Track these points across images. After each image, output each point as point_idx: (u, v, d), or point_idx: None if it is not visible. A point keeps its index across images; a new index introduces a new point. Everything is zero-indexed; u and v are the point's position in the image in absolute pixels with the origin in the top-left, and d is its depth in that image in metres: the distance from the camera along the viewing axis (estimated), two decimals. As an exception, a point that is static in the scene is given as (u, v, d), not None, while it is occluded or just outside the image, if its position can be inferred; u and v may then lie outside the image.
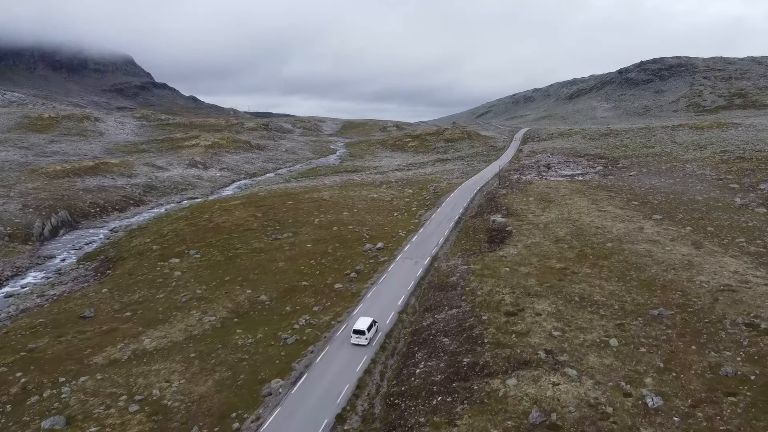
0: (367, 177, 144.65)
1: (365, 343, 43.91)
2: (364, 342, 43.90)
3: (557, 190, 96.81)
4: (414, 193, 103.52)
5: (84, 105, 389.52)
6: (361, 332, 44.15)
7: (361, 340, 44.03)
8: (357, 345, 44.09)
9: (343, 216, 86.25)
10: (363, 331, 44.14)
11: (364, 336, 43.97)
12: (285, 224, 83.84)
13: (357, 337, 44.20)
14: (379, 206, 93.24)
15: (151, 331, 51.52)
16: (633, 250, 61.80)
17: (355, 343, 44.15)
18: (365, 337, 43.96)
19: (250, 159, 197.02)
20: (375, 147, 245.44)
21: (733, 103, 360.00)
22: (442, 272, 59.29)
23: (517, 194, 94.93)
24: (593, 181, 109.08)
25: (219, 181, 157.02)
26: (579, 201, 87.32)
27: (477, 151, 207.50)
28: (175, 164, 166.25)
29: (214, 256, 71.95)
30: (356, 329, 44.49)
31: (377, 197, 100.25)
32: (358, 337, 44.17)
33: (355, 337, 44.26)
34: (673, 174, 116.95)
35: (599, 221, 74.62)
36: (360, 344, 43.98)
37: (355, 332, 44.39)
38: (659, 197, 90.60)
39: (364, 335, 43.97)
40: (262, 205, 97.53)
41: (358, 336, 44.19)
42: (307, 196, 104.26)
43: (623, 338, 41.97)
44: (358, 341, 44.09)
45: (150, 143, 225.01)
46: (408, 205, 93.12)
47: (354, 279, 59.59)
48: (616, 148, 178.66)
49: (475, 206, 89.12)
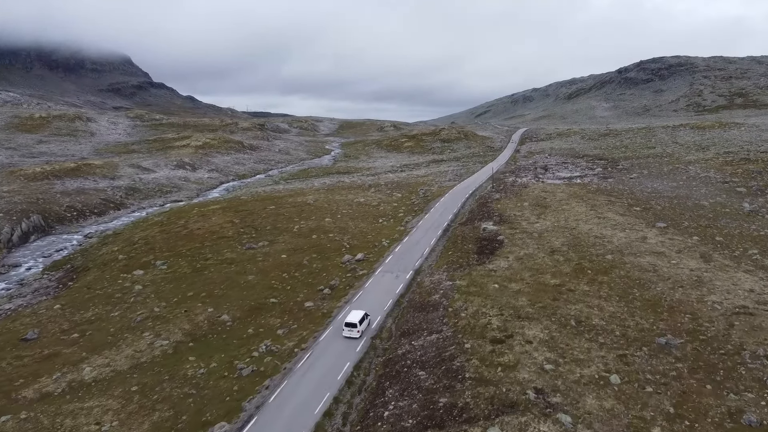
0: (357, 179, 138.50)
1: (357, 336, 43.81)
2: (356, 335, 43.80)
3: (554, 194, 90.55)
4: (403, 198, 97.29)
5: (80, 105, 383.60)
6: (353, 325, 44.08)
7: (353, 333, 43.90)
8: (349, 338, 44.01)
9: (324, 222, 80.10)
10: (355, 324, 44.04)
11: (356, 329, 43.86)
12: (262, 231, 77.73)
13: (349, 330, 44.11)
14: (364, 212, 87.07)
15: (95, 357, 45.45)
16: (635, 263, 55.59)
17: (347, 336, 44.07)
18: (357, 330, 43.83)
19: (241, 160, 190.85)
20: (370, 147, 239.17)
21: (733, 102, 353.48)
22: (425, 289, 53.10)
23: (511, 199, 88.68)
24: (592, 185, 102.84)
25: (206, 183, 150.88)
26: (577, 206, 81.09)
27: (473, 152, 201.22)
28: (162, 165, 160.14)
29: (181, 268, 65.80)
30: (348, 322, 44.44)
31: (364, 202, 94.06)
32: (350, 330, 44.07)
33: (347, 330, 44.17)
34: (676, 176, 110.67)
35: (598, 230, 68.38)
36: (352, 337, 43.90)
37: (347, 325, 44.30)
38: (662, 202, 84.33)
39: (356, 328, 43.86)
40: (241, 210, 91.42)
41: (350, 329, 44.09)
42: (290, 200, 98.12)
43: (626, 374, 35.82)
44: (350, 334, 43.98)
45: (141, 143, 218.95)
46: (395, 211, 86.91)
47: (327, 296, 53.44)
48: (615, 149, 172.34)
49: (465, 212, 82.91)
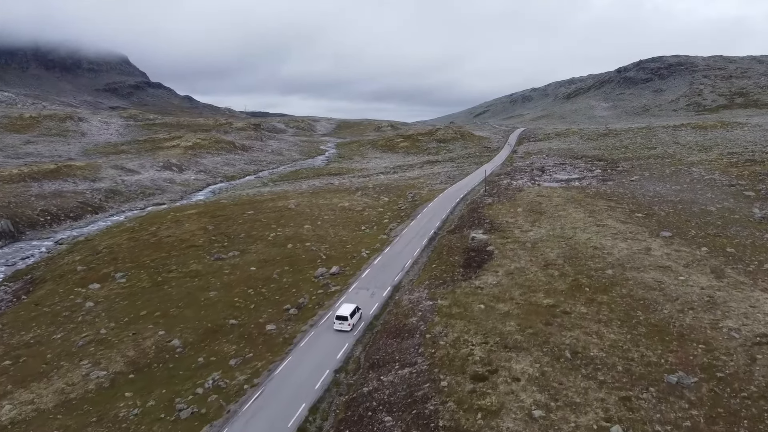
0: (347, 181, 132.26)
1: (348, 329, 42.93)
2: (347, 328, 42.91)
3: (550, 198, 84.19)
4: (390, 202, 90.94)
5: (76, 104, 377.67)
6: (343, 318, 43.13)
7: (344, 326, 43.00)
8: (340, 331, 43.14)
9: (303, 230, 73.83)
10: (346, 317, 43.14)
11: (347, 322, 42.97)
12: (235, 240, 71.51)
13: (340, 324, 43.16)
14: (347, 218, 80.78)
15: (21, 391, 39.26)
16: (639, 280, 49.27)
17: (338, 329, 43.16)
18: (348, 323, 42.98)
19: (231, 161, 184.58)
20: (365, 148, 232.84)
21: (734, 102, 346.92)
22: (402, 309, 46.80)
23: (504, 204, 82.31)
24: (591, 188, 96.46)
25: (192, 185, 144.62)
26: (574, 212, 74.74)
27: (469, 152, 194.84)
28: (148, 167, 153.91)
29: (140, 282, 59.58)
30: (339, 315, 43.51)
31: (348, 206, 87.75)
32: (341, 323, 43.13)
33: (338, 323, 43.24)
34: (679, 179, 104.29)
35: (597, 239, 62.02)
36: (343, 330, 43.02)
37: (338, 318, 43.36)
38: (666, 208, 77.96)
39: (347, 321, 42.98)
40: (218, 215, 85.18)
41: (341, 322, 43.14)
42: (271, 204, 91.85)
43: (630, 423, 29.58)
44: (341, 327, 43.08)
45: (131, 144, 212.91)
46: (380, 217, 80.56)
47: (292, 317, 47.17)
48: (615, 149, 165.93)
49: (455, 218, 76.52)
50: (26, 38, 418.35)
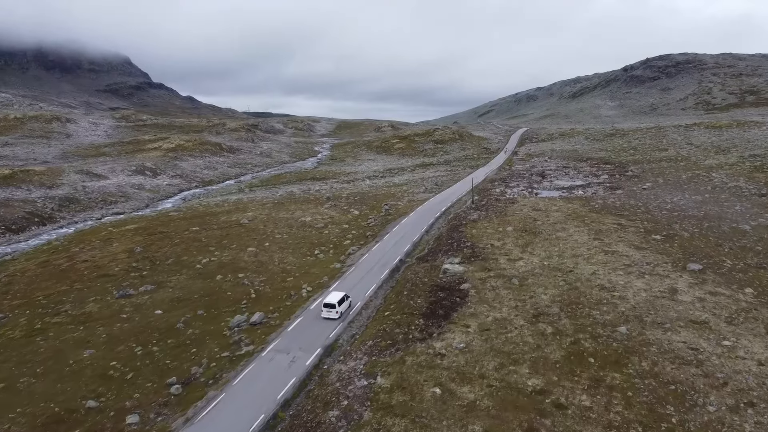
0: (327, 187, 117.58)
1: (336, 317, 40.33)
2: (335, 316, 40.32)
3: (548, 213, 68.94)
4: (359, 216, 75.98)
5: (75, 105, 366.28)
6: (331, 306, 40.59)
7: (331, 314, 40.45)
8: (328, 319, 40.41)
9: (244, 255, 59.22)
10: (334, 304, 40.52)
11: (334, 310, 40.40)
12: (159, 267, 57.08)
13: (328, 311, 40.62)
14: (303, 237, 66.04)
15: None
16: (666, 345, 34.12)
17: (326, 317, 40.53)
18: (336, 311, 40.39)
19: (214, 164, 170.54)
20: (360, 149, 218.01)
21: (744, 100, 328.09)
22: (325, 392, 31.95)
23: (492, 220, 67.14)
24: (597, 198, 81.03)
25: (163, 191, 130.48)
26: (576, 233, 59.52)
27: (467, 154, 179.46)
28: (119, 171, 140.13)
29: (14, 329, 45.26)
30: (327, 303, 40.90)
31: (309, 221, 72.94)
32: (328, 311, 40.60)
33: (326, 311, 40.71)
34: (699, 186, 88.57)
35: (606, 274, 46.82)
36: (331, 318, 40.43)
37: (326, 306, 40.78)
38: (689, 226, 62.46)
39: (335, 309, 40.41)
40: (158, 232, 70.97)
41: (328, 310, 40.60)
42: (224, 218, 77.41)
43: None
44: (328, 315, 40.55)
45: (114, 146, 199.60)
46: (341, 237, 65.64)
47: (171, 401, 32.56)
48: (623, 151, 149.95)
49: (430, 239, 61.51)
50: (27, 39, 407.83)
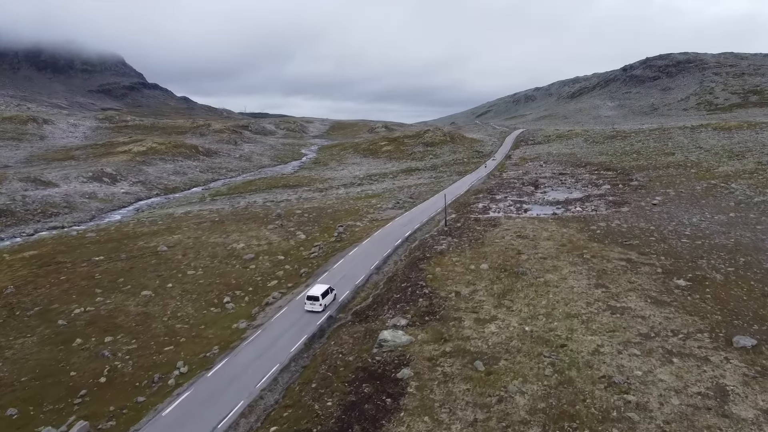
0: (295, 196, 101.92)
1: (320, 309, 38.35)
2: (319, 309, 38.35)
3: (536, 242, 52.93)
4: (305, 241, 59.98)
5: (65, 106, 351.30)
6: (314, 298, 38.57)
7: (315, 306, 38.42)
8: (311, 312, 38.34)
9: (131, 303, 43.42)
10: (317, 297, 38.56)
11: (318, 302, 38.43)
12: (14, 320, 41.25)
13: (311, 304, 38.55)
14: (221, 274, 50.22)
15: None
16: None
17: (309, 309, 38.55)
18: (319, 303, 38.41)
19: (184, 168, 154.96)
20: (347, 152, 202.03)
21: (748, 100, 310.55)
22: None
23: (464, 252, 51.14)
24: (598, 219, 64.99)
25: (117, 200, 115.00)
26: (572, 275, 43.50)
27: (457, 158, 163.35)
28: (74, 177, 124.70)
29: None
30: (310, 295, 38.94)
31: (240, 250, 57.08)
32: (312, 303, 38.54)
33: (309, 303, 38.67)
34: (719, 201, 72.45)
35: (614, 354, 30.79)
36: (314, 311, 38.44)
37: (309, 298, 38.81)
38: (720, 262, 46.33)
39: (318, 302, 38.40)
40: (52, 262, 55.34)
41: (312, 302, 38.55)
42: (142, 243, 61.62)
43: None
44: (312, 308, 38.46)
45: (87, 148, 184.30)
46: (269, 274, 49.63)
47: None
48: (625, 155, 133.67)
49: (380, 281, 45.56)
50: (18, 39, 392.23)
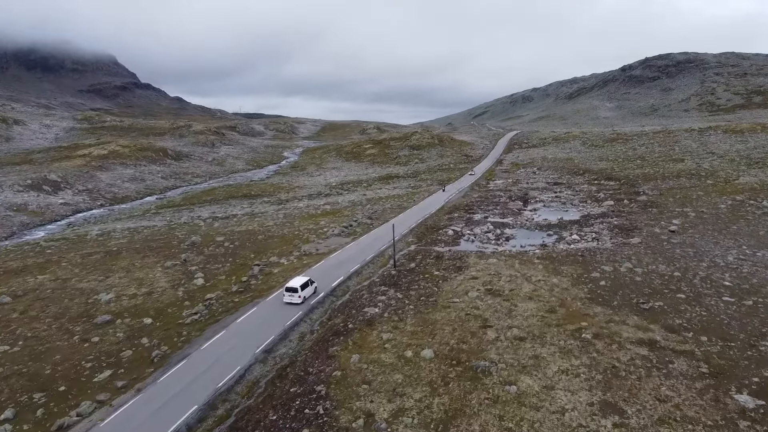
0: (246, 209, 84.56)
1: (299, 301, 36.52)
2: (298, 301, 36.51)
3: (512, 302, 35.28)
4: (196, 292, 42.05)
5: (54, 106, 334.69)
6: (293, 290, 36.68)
7: (294, 298, 36.58)
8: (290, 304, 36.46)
9: None
10: (296, 288, 36.66)
11: (297, 294, 36.55)
12: None
13: (290, 296, 36.71)
14: (39, 356, 32.74)
15: None
16: None
17: (288, 302, 36.63)
18: (298, 295, 36.58)
19: (144, 174, 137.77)
20: (329, 155, 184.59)
21: (751, 101, 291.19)
22: None
23: (404, 321, 33.52)
24: (601, 261, 47.16)
25: (50, 213, 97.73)
26: (563, 382, 25.81)
27: (443, 163, 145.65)
28: (8, 186, 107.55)
29: None
30: (289, 287, 36.99)
31: (100, 305, 39.04)
32: (290, 295, 36.70)
33: (288, 295, 36.80)
34: (755, 227, 54.60)
35: None
36: (293, 303, 36.48)
37: (288, 290, 36.89)
38: (796, 350, 28.70)
39: (297, 293, 36.56)
40: None
41: (290, 294, 36.70)
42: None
43: None
44: (291, 300, 36.61)
45: (49, 151, 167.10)
46: (106, 358, 31.38)
47: None
48: (628, 161, 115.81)
49: (259, 380, 28.16)
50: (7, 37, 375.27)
